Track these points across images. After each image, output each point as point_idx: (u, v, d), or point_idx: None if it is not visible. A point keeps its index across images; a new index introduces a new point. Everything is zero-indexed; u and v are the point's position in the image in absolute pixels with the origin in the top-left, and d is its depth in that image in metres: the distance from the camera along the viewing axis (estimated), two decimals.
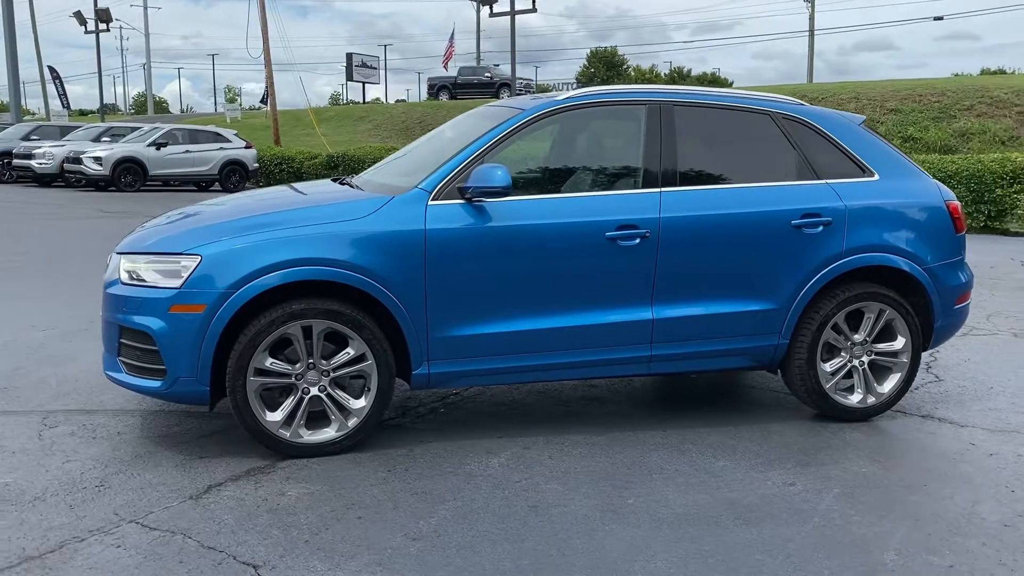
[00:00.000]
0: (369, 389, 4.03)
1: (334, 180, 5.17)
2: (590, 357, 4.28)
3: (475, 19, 47.30)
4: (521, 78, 39.35)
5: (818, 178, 4.56)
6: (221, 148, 21.65)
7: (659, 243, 4.23)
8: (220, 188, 21.87)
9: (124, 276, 4.03)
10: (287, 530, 3.30)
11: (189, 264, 3.86)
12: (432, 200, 4.07)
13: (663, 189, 4.32)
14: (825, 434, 4.45)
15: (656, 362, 4.39)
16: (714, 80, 56.21)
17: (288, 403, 3.98)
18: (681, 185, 4.35)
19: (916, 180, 4.74)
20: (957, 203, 4.78)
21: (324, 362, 3.98)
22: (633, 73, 50.66)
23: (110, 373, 4.13)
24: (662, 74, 55.25)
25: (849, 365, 4.59)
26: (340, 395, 4.03)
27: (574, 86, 53.08)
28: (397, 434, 4.36)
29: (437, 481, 3.78)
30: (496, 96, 34.27)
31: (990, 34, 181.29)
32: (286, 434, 3.97)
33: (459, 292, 4.06)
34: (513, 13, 31.76)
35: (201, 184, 22.09)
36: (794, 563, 3.11)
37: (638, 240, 4.20)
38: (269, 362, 3.92)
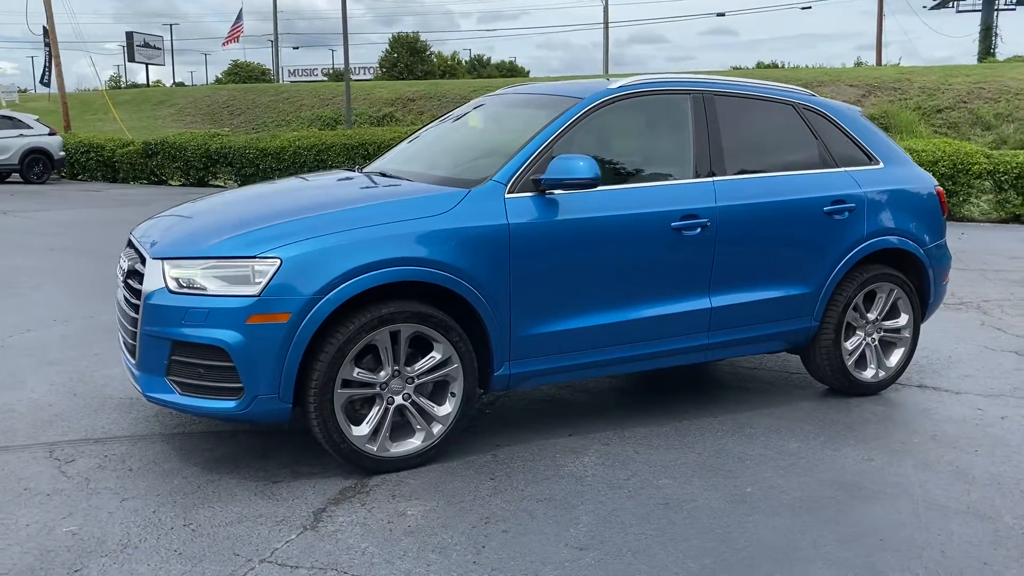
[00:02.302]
0: (454, 394, 3.81)
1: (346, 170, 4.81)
2: (657, 348, 4.27)
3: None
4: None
5: (837, 166, 4.78)
6: (21, 135, 19.44)
7: (716, 232, 4.29)
8: (22, 179, 19.68)
9: (172, 284, 3.57)
10: (444, 552, 3.07)
11: (266, 269, 3.47)
12: (508, 193, 3.90)
13: (716, 178, 4.37)
14: (853, 409, 4.70)
15: (711, 350, 4.46)
16: (512, 69, 57.37)
17: (373, 415, 3.69)
18: (727, 174, 4.42)
19: (910, 167, 5.09)
20: (941, 188, 5.18)
21: (408, 369, 3.72)
22: (435, 59, 50.65)
23: (154, 395, 3.64)
24: (463, 61, 55.71)
25: (863, 343, 4.87)
26: (425, 402, 3.78)
27: (377, 71, 52.27)
28: (460, 440, 4.14)
29: (549, 485, 3.64)
30: None
31: (746, 30, 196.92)
32: (373, 448, 3.68)
33: (540, 288, 3.92)
34: None
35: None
36: (953, 539, 3.27)
37: (699, 230, 4.24)
38: (356, 372, 3.61)
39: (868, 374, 4.90)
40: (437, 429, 3.80)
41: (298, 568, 2.95)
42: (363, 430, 3.66)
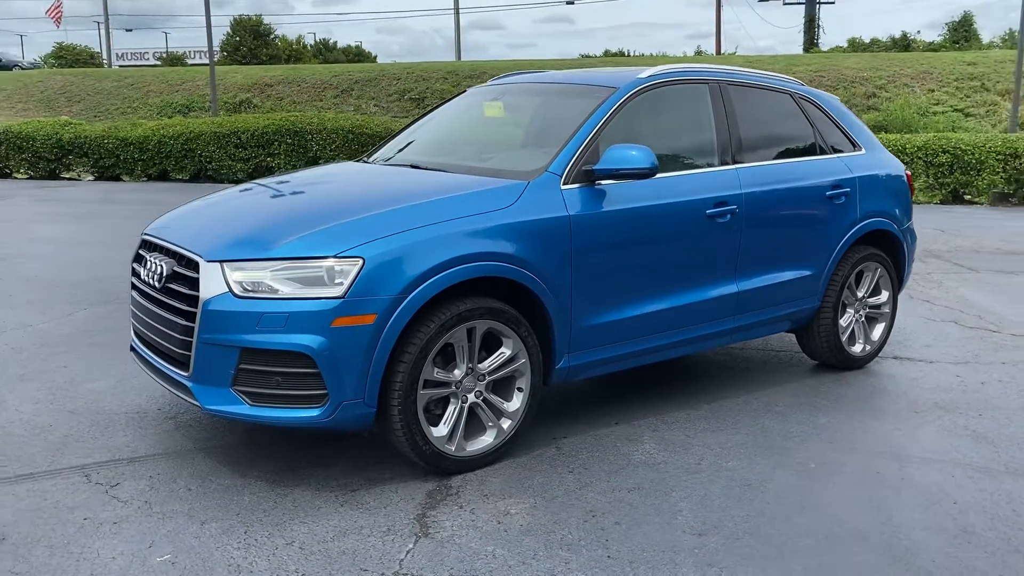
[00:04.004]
0: (521, 389, 3.77)
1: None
2: (696, 333, 4.38)
3: None
4: None
5: (830, 152, 5.04)
6: None
7: (742, 218, 4.43)
8: None
9: (236, 288, 3.34)
10: (574, 549, 3.05)
11: (348, 268, 3.30)
12: (563, 184, 3.88)
13: (738, 166, 4.51)
14: (851, 383, 4.98)
15: (735, 333, 4.62)
16: (359, 54, 56.16)
17: (449, 414, 3.60)
18: (744, 161, 4.57)
19: (885, 153, 5.42)
20: (909, 172, 5.55)
21: (480, 366, 3.65)
22: (280, 43, 48.90)
23: (217, 408, 3.40)
24: (308, 45, 54.04)
25: (853, 320, 5.16)
26: (495, 399, 3.72)
27: (217, 55, 49.92)
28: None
29: (629, 475, 3.68)
30: None
31: (582, 19, 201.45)
32: (452, 449, 3.59)
33: (598, 279, 3.93)
34: None
35: None
36: (1015, 497, 3.54)
37: (729, 216, 4.36)
38: (435, 372, 3.51)
39: (857, 349, 5.20)
40: (507, 425, 3.75)
41: None
42: (442, 431, 3.57)
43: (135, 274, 3.99)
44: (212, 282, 3.37)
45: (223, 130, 17.51)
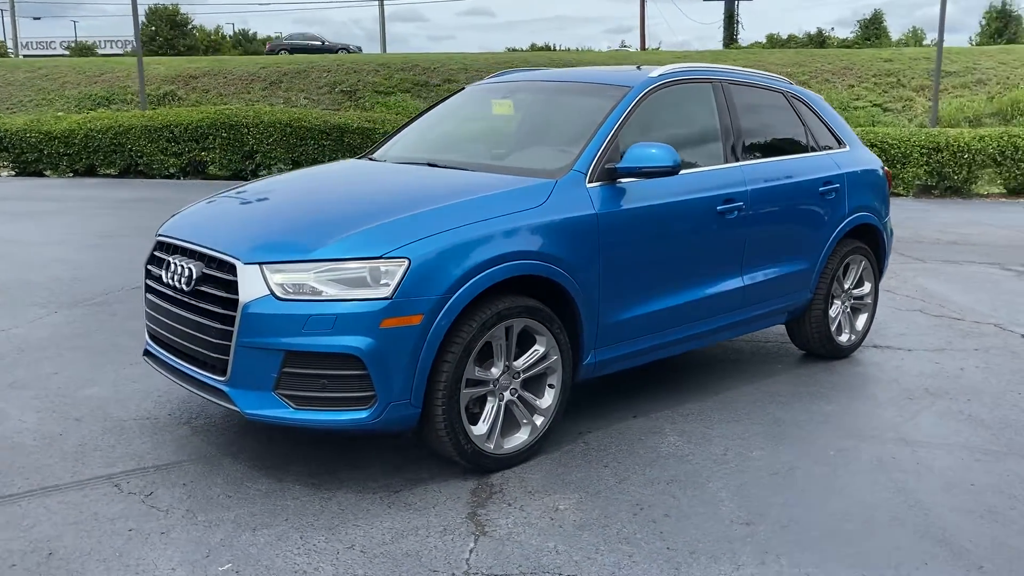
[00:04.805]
0: (552, 386, 3.81)
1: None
2: (708, 327, 4.49)
3: None
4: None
5: (819, 149, 5.21)
6: None
7: (748, 213, 4.55)
8: None
9: (278, 291, 3.29)
10: (633, 543, 3.11)
11: (394, 269, 3.29)
12: (588, 182, 3.92)
13: (742, 163, 4.63)
14: (840, 371, 5.17)
15: (741, 326, 4.75)
16: None
17: (487, 412, 3.62)
18: (746, 159, 4.70)
19: (865, 150, 5.63)
20: (888, 168, 5.78)
21: (515, 363, 3.68)
22: (198, 34, 47.46)
23: (258, 412, 3.34)
24: (227, 36, 52.65)
25: (840, 311, 5.36)
26: (529, 396, 3.75)
27: (131, 45, 48.27)
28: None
29: (663, 467, 3.75)
30: None
31: (503, 11, 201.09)
32: (491, 446, 3.61)
33: (623, 275, 3.99)
34: None
35: None
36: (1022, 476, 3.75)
37: (736, 213, 4.48)
38: (476, 371, 3.52)
39: (844, 339, 5.39)
40: (540, 421, 3.78)
41: None
42: (481, 429, 3.58)
43: (151, 276, 3.88)
44: (252, 285, 3.31)
45: (155, 124, 16.99)
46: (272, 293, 3.28)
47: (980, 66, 25.06)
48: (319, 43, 40.33)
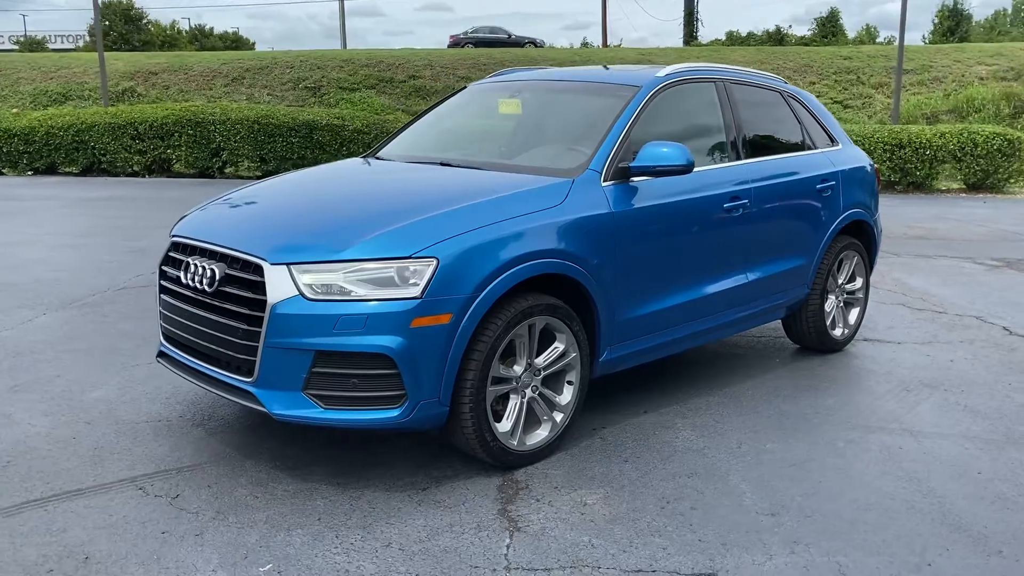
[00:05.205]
0: (571, 383, 3.86)
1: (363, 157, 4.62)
2: (714, 323, 4.57)
3: None
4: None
5: (814, 147, 5.32)
6: None
7: (752, 211, 4.63)
8: None
9: (306, 291, 3.29)
10: (665, 535, 3.17)
11: (423, 269, 3.31)
12: (603, 181, 3.98)
13: (745, 161, 4.71)
14: (835, 364, 5.29)
15: (744, 321, 4.84)
16: (237, 40, 54.29)
17: (510, 410, 3.66)
18: (748, 157, 4.78)
19: (854, 147, 5.76)
20: (876, 165, 5.92)
21: (536, 361, 3.72)
22: (153, 29, 46.64)
23: (287, 412, 3.34)
24: (183, 31, 51.81)
25: (834, 305, 5.48)
26: (549, 393, 3.79)
27: (85, 40, 47.33)
28: None
29: (681, 461, 3.82)
30: None
31: (461, 6, 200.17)
32: (514, 443, 3.65)
33: (637, 273, 4.05)
34: None
35: None
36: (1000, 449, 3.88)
37: (741, 210, 4.56)
38: (501, 369, 3.56)
39: (838, 333, 5.52)
40: (559, 418, 3.82)
41: (551, 570, 2.92)
42: (506, 426, 3.62)
43: (166, 277, 3.85)
44: (280, 285, 3.31)
45: (118, 121, 16.72)
46: (301, 293, 3.28)
47: (936, 64, 25.65)
48: (505, 36, 39.70)
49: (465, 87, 5.30)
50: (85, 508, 3.28)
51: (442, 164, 4.33)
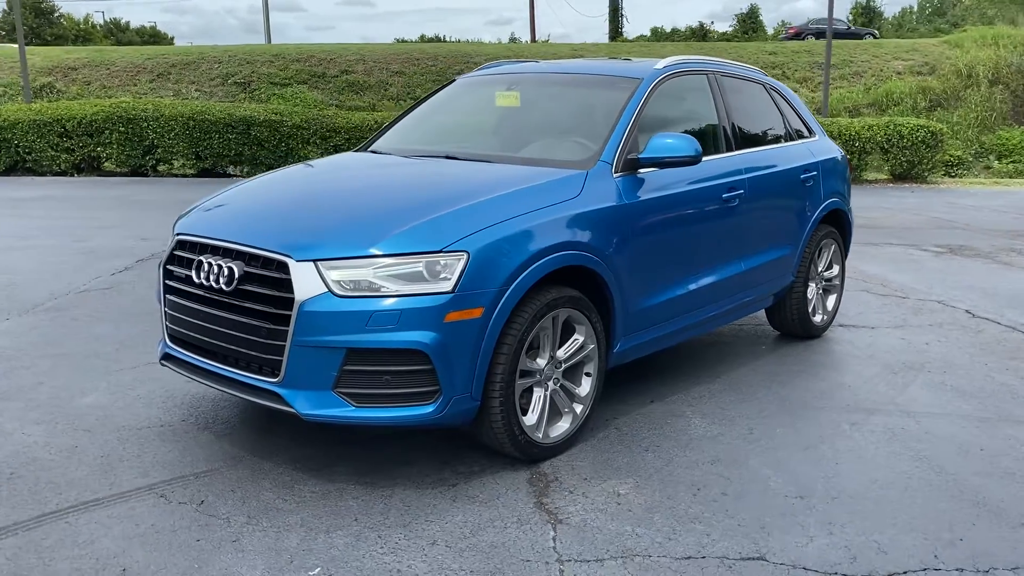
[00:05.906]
0: (589, 374, 3.87)
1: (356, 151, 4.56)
2: (714, 312, 4.63)
3: None
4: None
5: (796, 138, 5.44)
6: None
7: (746, 201, 4.71)
8: None
9: (336, 288, 3.22)
10: (705, 522, 3.20)
11: (454, 263, 3.27)
12: (614, 173, 3.99)
13: (739, 152, 4.79)
14: (819, 349, 5.43)
15: (739, 310, 4.92)
16: (154, 35, 52.65)
17: (536, 402, 3.65)
18: (740, 148, 4.86)
19: (828, 139, 5.91)
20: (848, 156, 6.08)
21: (558, 353, 3.72)
22: (66, 22, 44.91)
23: (317, 412, 3.25)
24: (97, 25, 50.01)
25: (815, 293, 5.62)
26: (570, 385, 3.80)
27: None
28: None
29: (700, 448, 3.87)
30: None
31: (383, 1, 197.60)
32: (539, 436, 3.64)
33: (647, 263, 4.08)
34: None
35: None
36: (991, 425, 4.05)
37: (737, 200, 4.64)
38: (527, 362, 3.55)
39: (818, 319, 5.66)
40: (580, 409, 3.83)
41: (603, 561, 2.92)
42: (531, 419, 3.61)
43: (172, 277, 3.72)
44: (307, 283, 3.22)
45: (44, 118, 16.07)
46: (330, 290, 3.21)
47: (856, 59, 26.45)
48: (845, 27, 38.32)
49: (454, 80, 5.25)
50: (108, 518, 3.15)
51: (447, 157, 4.28)
